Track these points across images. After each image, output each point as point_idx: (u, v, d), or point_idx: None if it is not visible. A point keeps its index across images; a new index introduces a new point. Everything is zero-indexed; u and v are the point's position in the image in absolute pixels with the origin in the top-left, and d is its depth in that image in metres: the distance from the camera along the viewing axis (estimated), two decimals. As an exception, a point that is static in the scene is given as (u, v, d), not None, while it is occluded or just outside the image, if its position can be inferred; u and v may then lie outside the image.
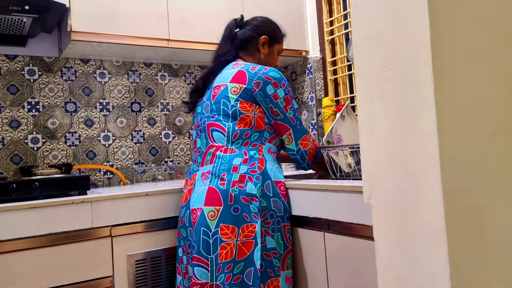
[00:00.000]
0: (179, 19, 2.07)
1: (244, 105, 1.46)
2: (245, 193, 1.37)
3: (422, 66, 0.67)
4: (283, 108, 1.49)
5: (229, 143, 1.46)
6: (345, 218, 1.26)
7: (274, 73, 1.50)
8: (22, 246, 1.41)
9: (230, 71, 1.53)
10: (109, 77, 2.22)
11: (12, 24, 1.78)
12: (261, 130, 1.48)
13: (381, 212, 0.76)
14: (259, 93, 1.47)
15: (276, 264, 1.39)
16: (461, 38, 0.69)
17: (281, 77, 1.51)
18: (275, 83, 1.48)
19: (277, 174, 1.45)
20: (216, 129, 1.48)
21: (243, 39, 1.63)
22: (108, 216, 1.55)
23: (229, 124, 1.46)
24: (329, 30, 2.42)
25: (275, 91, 1.48)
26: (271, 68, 1.51)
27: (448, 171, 0.66)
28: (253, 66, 1.52)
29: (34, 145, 2.02)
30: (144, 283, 1.60)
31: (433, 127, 0.66)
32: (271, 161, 1.47)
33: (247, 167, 1.41)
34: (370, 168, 0.78)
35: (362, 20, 0.79)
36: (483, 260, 0.69)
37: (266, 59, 1.65)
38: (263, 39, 1.64)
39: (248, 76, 1.48)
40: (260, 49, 1.64)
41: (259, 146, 1.47)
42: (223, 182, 1.39)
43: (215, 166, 1.43)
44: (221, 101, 1.49)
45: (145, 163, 2.29)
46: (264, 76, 1.48)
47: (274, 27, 1.70)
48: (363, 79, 0.79)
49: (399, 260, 0.73)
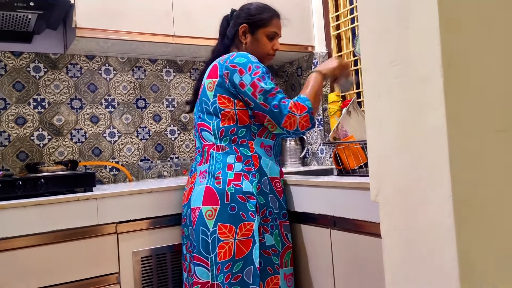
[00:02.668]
0: (184, 15, 2.05)
1: (223, 100, 1.41)
2: (241, 191, 1.36)
3: (431, 60, 0.66)
4: (252, 96, 1.37)
5: (217, 140, 1.43)
6: (352, 215, 1.25)
7: (239, 59, 1.40)
8: (28, 243, 1.41)
9: (210, 67, 1.49)
10: (114, 73, 2.22)
11: (17, 21, 1.77)
12: (246, 125, 1.42)
13: (389, 209, 0.75)
14: (229, 84, 1.40)
15: (275, 261, 1.38)
16: (471, 32, 0.68)
17: (247, 61, 1.40)
18: (240, 70, 1.38)
19: (272, 171, 1.43)
20: (204, 129, 1.47)
21: (229, 34, 1.58)
22: (114, 213, 1.54)
23: (213, 122, 1.43)
24: (335, 24, 2.40)
25: (241, 79, 1.38)
26: (238, 53, 1.43)
27: (457, 168, 0.65)
28: (224, 56, 1.45)
29: (40, 142, 2.02)
30: (149, 279, 1.60)
31: (442, 122, 0.65)
32: (265, 156, 1.44)
33: (242, 165, 1.39)
34: (377, 165, 0.77)
35: (369, 14, 0.78)
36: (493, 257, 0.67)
37: (251, 48, 1.54)
38: (241, 28, 1.54)
39: (219, 68, 1.43)
40: (241, 39, 1.55)
41: (248, 142, 1.42)
42: (218, 181, 1.37)
43: (211, 165, 1.42)
44: (202, 100, 1.47)
45: (151, 160, 2.29)
46: (230, 64, 1.40)
47: (255, 12, 1.56)
48: (371, 74, 0.77)
49: (407, 258, 0.72)
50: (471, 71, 0.68)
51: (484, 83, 0.69)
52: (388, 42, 0.74)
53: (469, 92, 0.67)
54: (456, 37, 0.66)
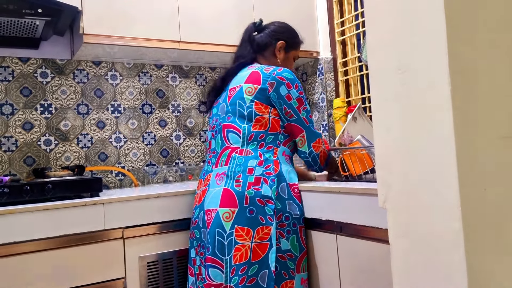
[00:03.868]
0: (190, 21, 2.07)
1: (259, 106, 1.47)
2: (261, 195, 1.37)
3: (438, 68, 0.66)
4: (297, 109, 1.49)
5: (244, 144, 1.46)
6: (358, 220, 1.25)
7: (287, 74, 1.51)
8: (36, 247, 1.42)
9: (245, 73, 1.55)
10: (120, 79, 2.23)
11: (25, 27, 1.79)
12: (276, 132, 1.49)
13: (397, 215, 0.75)
14: (273, 94, 1.48)
15: (290, 266, 1.38)
16: (478, 39, 0.68)
17: (294, 78, 1.52)
18: (288, 84, 1.49)
19: (291, 177, 1.45)
20: (231, 130, 1.49)
21: (260, 43, 1.65)
22: (121, 218, 1.55)
23: (245, 125, 1.47)
24: (340, 30, 2.41)
25: (289, 92, 1.49)
26: (285, 69, 1.52)
27: (465, 173, 0.65)
28: (267, 67, 1.53)
29: (47, 147, 2.04)
30: (156, 285, 1.61)
31: (450, 129, 0.65)
32: (285, 163, 1.47)
33: (262, 169, 1.41)
34: (385, 171, 0.77)
35: (376, 22, 0.78)
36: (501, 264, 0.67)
37: (281, 64, 1.65)
38: (280, 44, 1.65)
39: (262, 76, 1.49)
40: (276, 54, 1.65)
41: (274, 149, 1.47)
42: (238, 183, 1.39)
43: (230, 167, 1.43)
44: (236, 102, 1.50)
45: (156, 165, 2.30)
46: (278, 76, 1.49)
47: (292, 33, 1.70)
48: (378, 81, 0.78)
49: (415, 264, 0.72)
50: (478, 78, 0.68)
51: (491, 90, 0.69)
52: (395, 50, 0.74)
53: (476, 99, 0.67)
54: (463, 44, 0.67)
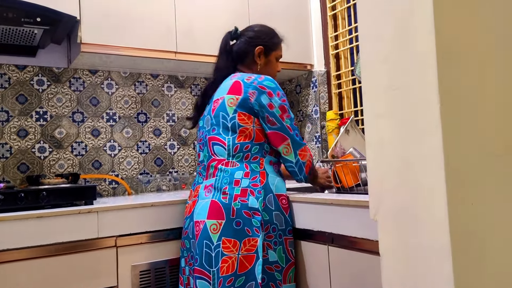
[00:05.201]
0: (186, 32, 2.10)
1: (242, 117, 1.46)
2: (247, 207, 1.38)
3: (428, 86, 0.69)
4: (279, 117, 1.47)
5: (230, 156, 1.46)
6: (349, 232, 1.27)
7: (268, 82, 1.50)
8: (28, 255, 1.42)
9: (228, 83, 1.53)
10: (116, 87, 2.25)
11: (23, 35, 1.81)
12: (261, 142, 1.49)
13: (387, 228, 0.77)
14: (254, 103, 1.46)
15: (278, 277, 1.39)
16: (468, 58, 0.71)
17: (276, 86, 1.51)
18: (269, 93, 1.48)
19: (278, 188, 1.46)
20: (216, 143, 1.49)
21: (239, 52, 1.63)
22: (114, 226, 1.56)
23: (229, 137, 1.47)
24: (334, 44, 2.45)
25: (270, 100, 1.47)
26: (266, 77, 1.51)
27: (454, 189, 0.67)
28: (248, 76, 1.51)
29: (41, 154, 2.04)
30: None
31: (439, 145, 0.68)
32: (272, 173, 1.48)
33: (249, 181, 1.42)
34: (377, 184, 0.79)
35: (369, 40, 0.81)
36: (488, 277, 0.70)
37: (263, 69, 1.64)
38: (258, 50, 1.62)
39: (244, 86, 1.48)
40: (256, 60, 1.63)
41: (260, 159, 1.47)
42: (225, 196, 1.39)
43: (217, 179, 1.44)
44: (220, 114, 1.50)
45: (150, 174, 2.30)
46: (259, 85, 1.48)
47: (269, 35, 1.67)
48: (370, 97, 0.81)
49: (404, 277, 0.74)
50: (468, 98, 0.71)
51: (480, 109, 0.72)
52: (388, 67, 0.77)
53: (465, 117, 0.70)
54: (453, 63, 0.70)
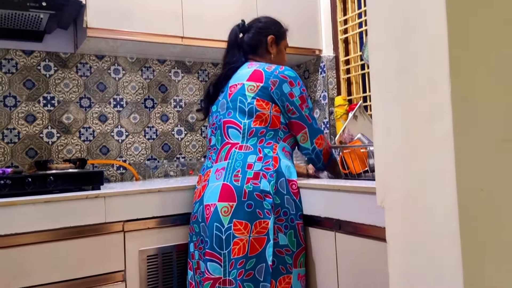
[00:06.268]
0: (194, 17, 2.07)
1: (261, 103, 1.48)
2: (259, 189, 1.38)
3: (439, 69, 0.67)
4: (299, 106, 1.51)
5: (244, 140, 1.47)
6: (357, 218, 1.26)
7: (289, 72, 1.53)
8: (37, 239, 1.44)
9: (246, 71, 1.55)
10: (123, 73, 2.24)
11: (29, 20, 1.80)
12: (276, 128, 1.50)
13: (395, 214, 0.76)
14: (275, 92, 1.49)
15: (288, 261, 1.40)
16: (479, 41, 0.69)
17: (296, 76, 1.54)
18: (290, 82, 1.51)
19: (290, 173, 1.46)
20: (231, 126, 1.50)
21: (251, 44, 1.66)
22: (121, 212, 1.56)
23: (245, 121, 1.48)
24: (343, 28, 2.41)
25: (291, 90, 1.51)
26: (286, 68, 1.54)
27: (463, 174, 0.66)
28: (268, 66, 1.55)
29: (49, 140, 2.05)
30: (155, 278, 1.62)
31: (449, 130, 0.66)
32: (285, 159, 1.48)
33: (262, 165, 1.42)
34: (384, 171, 0.78)
35: (378, 22, 0.79)
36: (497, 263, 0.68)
37: (276, 58, 1.68)
38: (270, 39, 1.66)
39: (265, 75, 1.51)
40: (269, 50, 1.66)
41: (274, 145, 1.49)
42: (237, 178, 1.40)
43: (230, 162, 1.45)
44: (237, 99, 1.51)
45: (157, 159, 2.31)
46: (281, 75, 1.51)
47: (277, 24, 1.71)
48: (379, 81, 0.79)
49: (412, 263, 0.73)
50: (478, 81, 0.69)
51: (491, 93, 0.70)
52: (397, 50, 0.75)
53: (475, 102, 0.68)
54: (464, 46, 0.67)
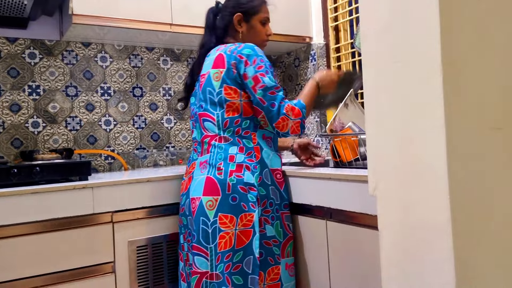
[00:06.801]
0: (182, 4, 2.04)
1: (229, 91, 1.41)
2: (243, 182, 1.36)
3: (431, 58, 0.66)
4: (252, 89, 1.39)
5: (221, 131, 1.43)
6: (348, 207, 1.26)
7: (246, 50, 1.42)
8: (23, 231, 1.41)
9: (212, 57, 1.48)
10: (110, 61, 2.20)
11: (13, 6, 1.75)
12: (250, 116, 1.43)
13: (387, 203, 0.76)
14: (237, 75, 1.41)
15: (276, 252, 1.39)
16: (471, 31, 0.68)
17: (253, 53, 1.41)
18: (245, 61, 1.40)
19: (273, 162, 1.44)
20: (206, 119, 1.46)
21: (222, 26, 1.58)
22: (110, 202, 1.54)
23: (218, 112, 1.43)
24: (333, 16, 2.39)
25: (245, 70, 1.40)
26: (245, 45, 1.44)
27: (455, 164, 0.65)
28: (230, 47, 1.45)
29: (34, 129, 2.01)
30: (145, 269, 1.61)
31: (441, 120, 0.65)
32: (266, 148, 1.45)
33: (244, 156, 1.40)
34: (376, 160, 0.77)
35: (370, 11, 0.78)
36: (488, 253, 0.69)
37: (247, 36, 1.57)
38: (236, 17, 1.55)
39: (226, 58, 1.43)
40: (237, 29, 1.56)
41: (251, 134, 1.43)
42: (220, 171, 1.38)
43: (212, 155, 1.42)
44: (206, 90, 1.45)
45: (147, 149, 2.28)
46: (238, 55, 1.41)
47: (246, 0, 1.58)
48: (371, 71, 0.77)
49: (403, 252, 0.73)
50: (470, 71, 0.68)
51: (483, 82, 0.69)
52: (389, 40, 0.74)
53: (467, 90, 0.67)
54: (456, 35, 0.67)
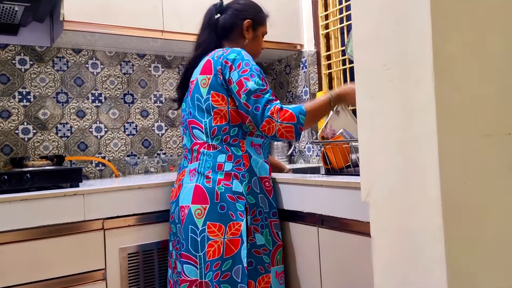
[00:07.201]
0: (174, 11, 2.04)
1: (216, 98, 1.39)
2: (231, 191, 1.36)
3: (423, 65, 0.67)
4: (236, 94, 1.36)
5: (209, 139, 1.41)
6: (339, 213, 1.26)
7: (232, 55, 1.39)
8: (13, 238, 1.40)
9: (202, 63, 1.46)
10: (101, 67, 2.19)
11: (4, 13, 1.74)
12: (238, 124, 1.41)
13: (379, 210, 0.76)
14: (223, 80, 1.39)
15: (266, 260, 1.39)
16: (462, 37, 0.69)
17: (239, 57, 1.38)
18: (230, 66, 1.37)
19: (262, 170, 1.43)
20: (195, 127, 1.45)
21: (225, 26, 1.54)
22: (101, 209, 1.53)
23: (205, 120, 1.41)
24: (324, 24, 2.41)
25: (230, 75, 1.37)
26: (232, 50, 1.42)
27: (447, 170, 0.66)
28: (218, 52, 1.43)
29: (25, 136, 2.00)
30: (136, 276, 1.60)
31: (432, 126, 0.66)
32: (255, 155, 1.44)
33: (232, 165, 1.39)
34: (368, 166, 0.78)
35: (362, 18, 0.79)
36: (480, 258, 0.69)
37: (250, 44, 1.56)
38: (246, 23, 1.54)
39: (213, 64, 1.41)
40: (244, 34, 1.55)
41: (240, 142, 1.41)
42: (208, 180, 1.37)
43: (200, 163, 1.41)
44: (195, 96, 1.44)
45: (138, 155, 2.27)
46: (224, 60, 1.39)
47: (256, 9, 1.60)
48: (363, 77, 0.78)
49: (396, 258, 0.73)
50: (462, 77, 0.69)
51: (474, 89, 0.71)
52: (381, 46, 0.75)
53: (459, 97, 0.68)
54: (448, 42, 0.68)
